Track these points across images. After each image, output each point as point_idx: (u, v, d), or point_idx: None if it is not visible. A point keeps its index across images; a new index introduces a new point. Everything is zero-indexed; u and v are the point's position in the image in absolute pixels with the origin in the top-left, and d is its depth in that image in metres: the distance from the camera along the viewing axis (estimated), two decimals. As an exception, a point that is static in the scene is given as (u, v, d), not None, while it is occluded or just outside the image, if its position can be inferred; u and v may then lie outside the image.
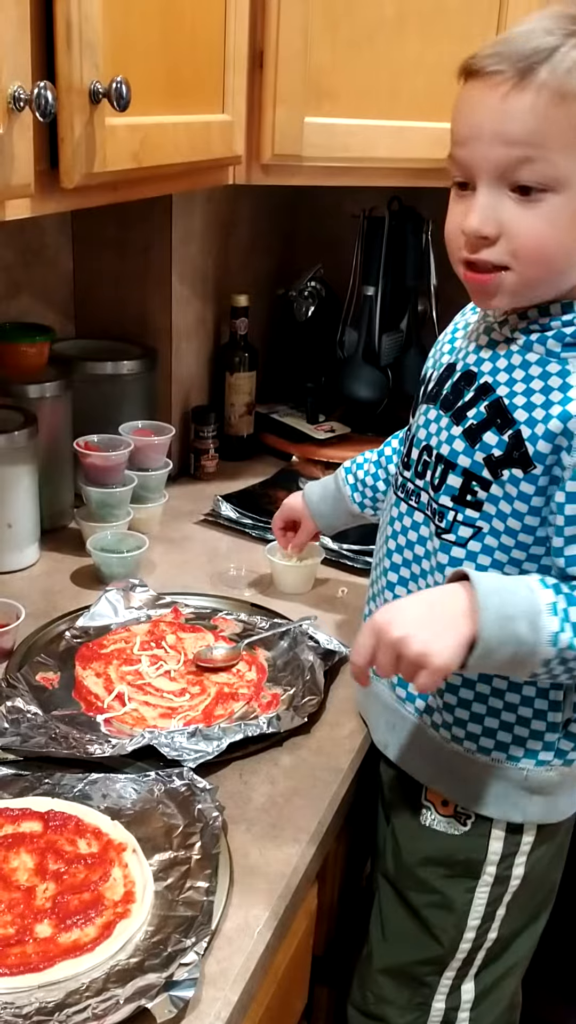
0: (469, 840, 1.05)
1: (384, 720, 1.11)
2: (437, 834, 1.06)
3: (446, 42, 1.49)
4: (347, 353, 1.99)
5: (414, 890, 1.09)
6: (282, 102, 1.41)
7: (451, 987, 1.10)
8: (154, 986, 0.79)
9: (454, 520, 0.97)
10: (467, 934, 1.07)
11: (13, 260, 1.64)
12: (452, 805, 1.05)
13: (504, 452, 0.92)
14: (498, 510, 0.94)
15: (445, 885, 1.07)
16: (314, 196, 2.13)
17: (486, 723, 0.99)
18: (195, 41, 1.24)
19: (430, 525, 1.00)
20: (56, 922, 0.86)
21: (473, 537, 0.96)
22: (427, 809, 1.07)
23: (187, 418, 1.88)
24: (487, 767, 1.01)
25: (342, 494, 1.32)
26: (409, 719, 1.06)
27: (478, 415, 0.95)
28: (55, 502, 1.60)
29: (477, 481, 0.95)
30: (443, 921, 1.08)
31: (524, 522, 0.93)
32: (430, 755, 1.05)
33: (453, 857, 1.06)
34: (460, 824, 1.05)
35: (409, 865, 1.09)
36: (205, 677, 1.24)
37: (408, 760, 1.08)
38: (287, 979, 1.02)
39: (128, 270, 1.78)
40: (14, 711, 1.13)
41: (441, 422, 0.99)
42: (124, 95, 0.99)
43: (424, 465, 1.01)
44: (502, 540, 0.95)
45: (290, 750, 1.13)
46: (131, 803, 1.01)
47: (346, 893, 1.26)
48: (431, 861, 1.07)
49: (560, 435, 0.89)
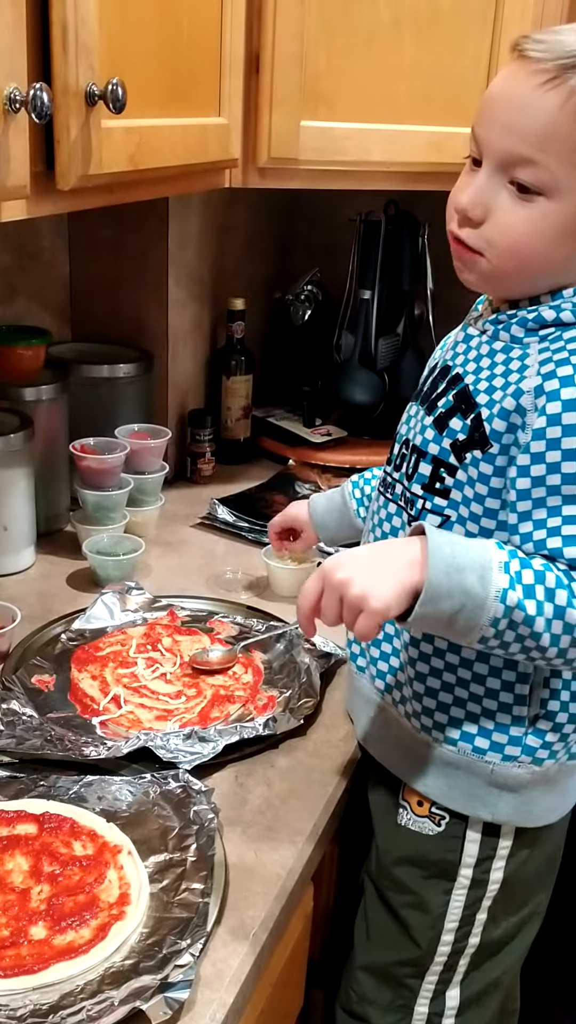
0: (443, 841, 1.04)
1: (365, 715, 1.11)
2: (412, 834, 1.06)
3: (442, 47, 1.49)
4: (343, 357, 2.00)
5: (392, 890, 1.10)
6: (278, 106, 1.41)
7: (434, 992, 1.10)
8: (149, 988, 0.79)
9: (422, 508, 0.98)
10: (445, 936, 1.06)
11: (9, 263, 1.64)
12: (427, 805, 1.05)
13: (467, 436, 0.94)
14: (463, 496, 0.95)
15: (421, 886, 1.06)
16: (310, 200, 2.14)
17: (452, 712, 0.99)
18: (191, 44, 1.24)
19: (403, 515, 1.01)
20: (51, 924, 0.86)
21: (440, 526, 0.96)
22: (403, 809, 1.07)
23: (183, 421, 1.88)
24: (454, 759, 1.00)
25: (348, 508, 1.33)
26: (385, 710, 1.07)
27: (447, 404, 0.97)
28: (51, 505, 1.60)
29: (444, 467, 0.96)
30: (419, 922, 1.07)
31: (485, 505, 0.93)
32: (403, 746, 1.05)
33: (427, 858, 1.05)
34: (434, 824, 1.05)
35: (387, 864, 1.10)
36: (201, 679, 1.24)
37: (384, 752, 1.09)
38: (282, 981, 1.02)
39: (124, 273, 1.78)
40: (9, 713, 1.12)
41: (419, 415, 1.01)
42: (120, 97, 0.99)
43: (402, 458, 1.03)
44: (467, 528, 0.95)
45: (286, 752, 1.13)
46: (126, 805, 1.01)
47: (342, 896, 1.25)
48: (406, 861, 1.07)
49: (514, 412, 0.90)
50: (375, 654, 1.07)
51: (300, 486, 1.82)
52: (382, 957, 1.12)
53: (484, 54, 1.52)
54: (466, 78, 1.52)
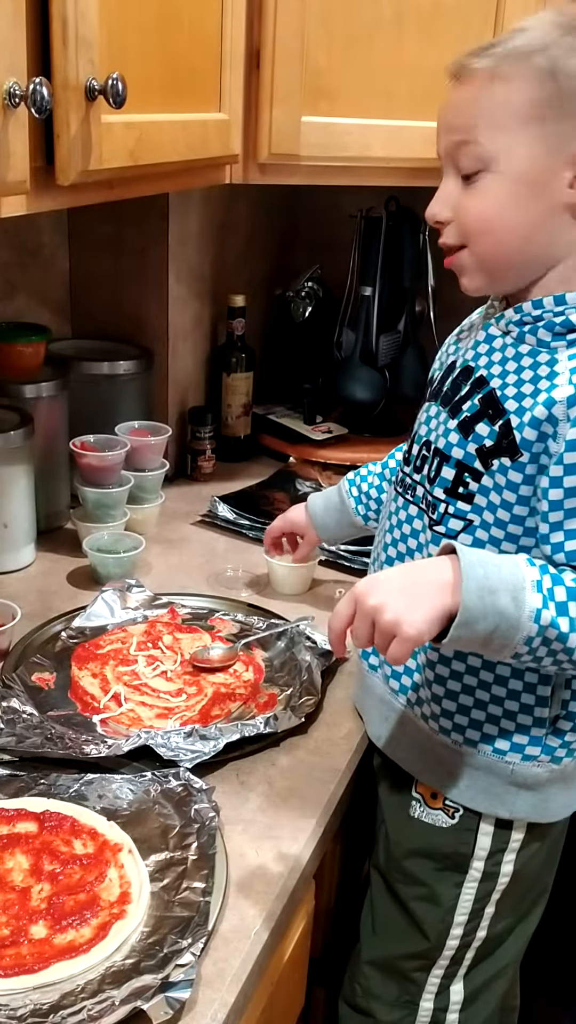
0: (456, 834, 1.04)
1: (378, 713, 1.11)
2: (425, 826, 1.06)
3: (444, 42, 1.48)
4: (344, 354, 1.99)
5: (402, 882, 1.10)
6: (279, 101, 1.40)
7: (439, 987, 1.10)
8: (150, 987, 0.79)
9: (445, 512, 0.97)
10: (454, 930, 1.07)
11: (9, 260, 1.64)
12: (441, 798, 1.05)
13: (495, 442, 0.93)
14: (488, 502, 0.94)
15: (433, 878, 1.07)
16: (311, 196, 2.13)
17: (472, 715, 0.99)
18: (192, 39, 1.24)
19: (424, 518, 1.01)
20: (51, 923, 0.85)
21: (464, 530, 0.96)
22: (416, 801, 1.07)
23: (184, 419, 1.88)
24: (473, 760, 1.00)
25: (346, 506, 1.32)
26: (401, 711, 1.06)
27: (472, 407, 0.96)
28: (51, 502, 1.60)
29: (469, 472, 0.95)
30: (430, 915, 1.08)
31: (513, 512, 0.93)
32: (419, 747, 1.05)
33: (440, 850, 1.06)
34: (448, 817, 1.05)
35: (398, 857, 1.10)
36: (202, 677, 1.24)
37: (399, 752, 1.08)
38: (284, 980, 1.01)
39: (124, 270, 1.77)
40: (10, 711, 1.12)
41: (440, 417, 1.00)
42: (120, 92, 0.99)
43: (422, 459, 1.02)
44: (492, 533, 0.95)
45: (287, 750, 1.13)
46: (127, 803, 1.00)
47: (343, 894, 1.25)
48: (419, 853, 1.07)
49: (545, 421, 0.89)
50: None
51: (301, 483, 1.82)
52: (389, 950, 1.12)
53: (486, 49, 1.52)
54: (467, 74, 1.51)
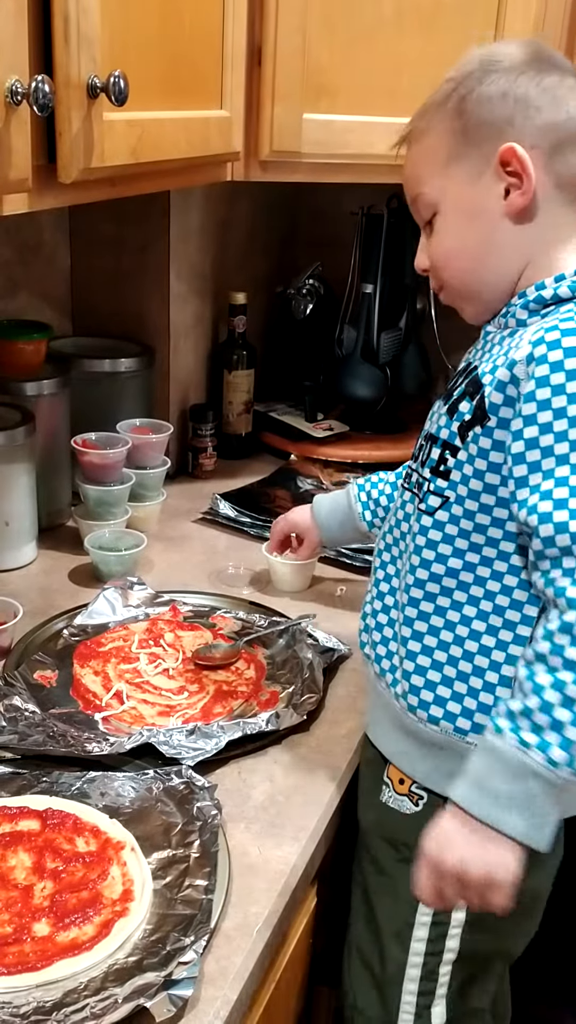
0: (418, 821, 0.98)
1: (370, 699, 1.12)
2: (389, 811, 1.05)
3: (445, 39, 1.48)
4: (346, 351, 1.99)
5: (370, 873, 1.09)
6: (280, 98, 1.40)
7: (417, 1007, 1.06)
8: (153, 985, 0.79)
9: (427, 490, 0.98)
10: (417, 931, 1.03)
11: (10, 257, 1.64)
12: (408, 784, 1.04)
13: (472, 415, 0.94)
14: (462, 475, 0.95)
15: (394, 869, 1.05)
16: (312, 194, 2.13)
17: (438, 691, 0.99)
18: (193, 36, 1.24)
19: (414, 500, 1.01)
20: (54, 921, 0.85)
21: (441, 507, 0.97)
22: (385, 786, 1.07)
23: (185, 416, 1.88)
24: (437, 739, 0.99)
25: (353, 511, 1.32)
26: (382, 694, 1.06)
27: (460, 391, 0.97)
28: (53, 500, 1.60)
29: (449, 449, 0.96)
30: (390, 908, 1.06)
31: (485, 480, 0.93)
32: (394, 730, 1.05)
33: (400, 838, 1.04)
34: (412, 804, 1.04)
35: (368, 845, 1.09)
36: (204, 675, 1.24)
37: (379, 735, 1.08)
38: (286, 978, 1.01)
39: (126, 268, 1.77)
40: (12, 709, 1.12)
41: (440, 409, 1.01)
42: (122, 90, 0.99)
43: (419, 448, 1.03)
44: (466, 506, 0.95)
45: (289, 748, 1.13)
46: (129, 801, 1.01)
47: (346, 892, 1.25)
48: (384, 840, 1.06)
49: (509, 384, 0.89)
50: (376, 638, 1.07)
51: (302, 481, 1.82)
52: (360, 945, 1.10)
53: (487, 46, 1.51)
54: (469, 71, 1.51)
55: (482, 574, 0.95)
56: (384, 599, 1.06)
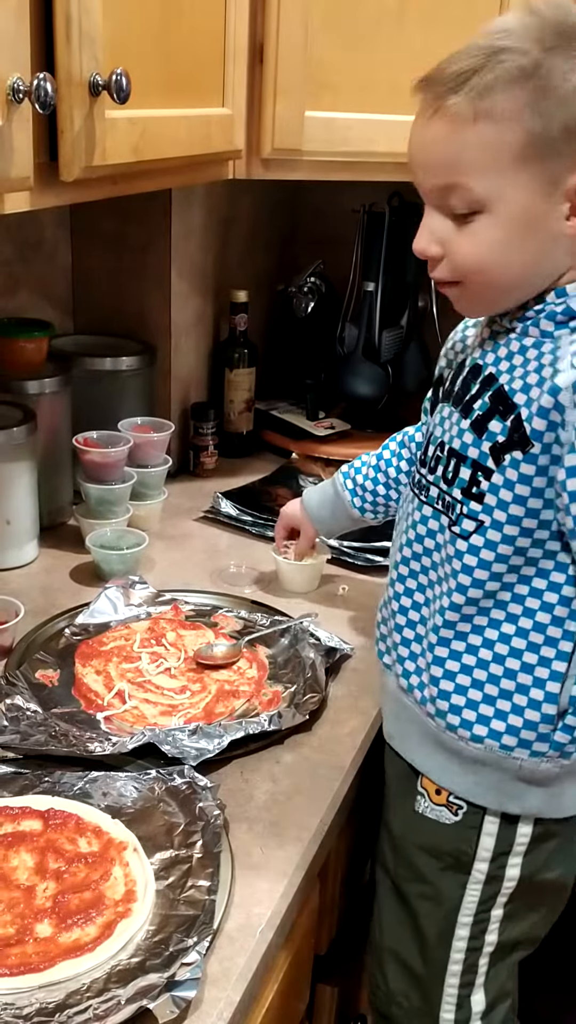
0: (459, 831, 1.04)
1: (390, 710, 1.11)
2: (428, 822, 1.06)
3: (448, 35, 1.46)
4: (347, 349, 1.99)
5: (407, 880, 1.09)
6: (282, 96, 1.40)
7: (458, 998, 1.08)
8: (156, 986, 0.78)
9: (459, 513, 0.97)
10: (459, 931, 1.06)
11: (12, 255, 1.63)
12: (445, 794, 1.04)
13: (507, 437, 0.92)
14: (499, 500, 0.93)
15: (436, 877, 1.06)
16: (314, 191, 2.12)
17: (480, 710, 0.99)
18: (195, 34, 1.23)
19: (440, 518, 1.00)
20: (56, 922, 0.85)
21: (476, 531, 0.96)
22: (421, 796, 1.06)
23: (186, 415, 1.87)
24: (481, 756, 1.00)
25: (341, 499, 1.33)
26: (410, 708, 1.06)
27: (483, 406, 0.95)
28: (54, 499, 1.60)
29: (482, 471, 0.94)
30: (432, 913, 1.07)
31: (527, 506, 0.92)
32: (429, 745, 1.04)
33: (441, 848, 1.05)
34: (451, 814, 1.04)
35: (403, 854, 1.09)
36: (206, 674, 1.24)
37: (409, 750, 1.08)
38: (289, 978, 1.01)
39: (127, 266, 1.77)
40: (13, 709, 1.12)
41: (452, 418, 0.99)
42: (124, 87, 0.99)
43: (436, 460, 1.01)
44: (505, 531, 0.94)
45: (291, 748, 1.12)
46: (132, 801, 1.00)
47: (348, 891, 1.25)
48: (423, 850, 1.07)
49: (553, 410, 0.88)
50: (403, 653, 1.06)
51: (303, 479, 1.82)
52: (398, 950, 1.11)
53: (489, 44, 1.51)
54: (471, 68, 1.51)
55: (520, 592, 0.96)
56: (408, 614, 1.05)
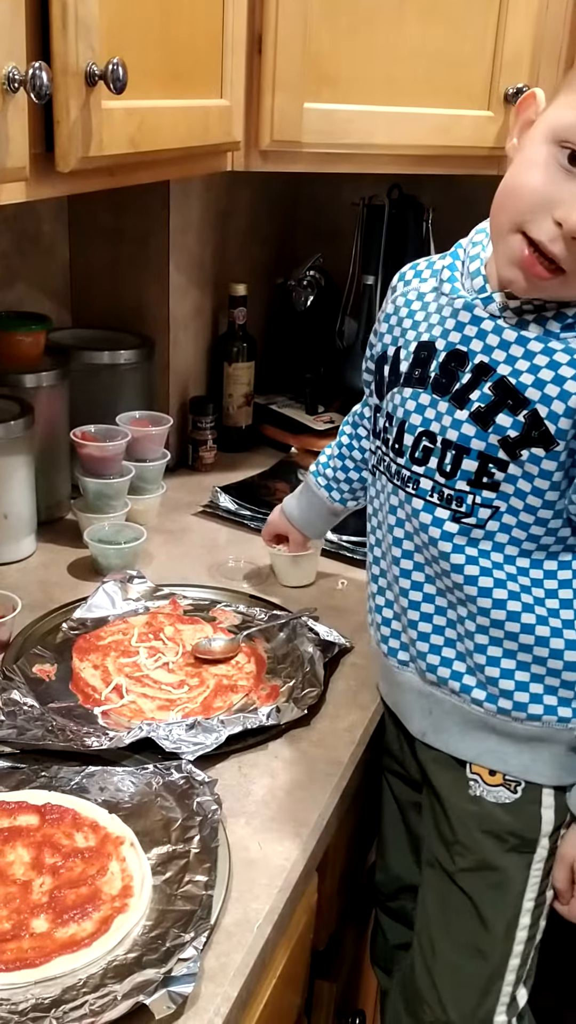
0: (520, 807, 1.03)
1: (419, 707, 1.08)
2: (487, 804, 1.04)
3: (446, 28, 1.47)
4: (346, 343, 1.98)
5: (470, 870, 1.06)
6: (281, 87, 1.39)
7: (510, 997, 1.07)
8: (152, 982, 0.78)
9: (474, 503, 0.97)
10: (523, 919, 1.05)
11: (9, 248, 1.63)
12: (500, 774, 1.04)
13: (521, 432, 0.92)
14: (516, 488, 0.94)
15: (503, 860, 1.05)
16: (313, 184, 2.12)
17: (532, 689, 0.99)
18: (193, 24, 1.22)
19: (436, 511, 0.99)
20: (53, 917, 0.85)
21: (491, 517, 0.96)
22: (474, 782, 1.05)
23: (185, 409, 1.87)
24: (537, 733, 1.00)
25: (319, 498, 1.33)
26: (446, 701, 1.05)
27: (484, 397, 0.94)
28: (52, 493, 1.59)
29: (494, 463, 0.94)
30: (499, 902, 1.05)
31: (545, 498, 0.93)
32: (474, 732, 1.04)
33: (506, 828, 1.04)
34: (510, 792, 1.04)
35: (461, 842, 1.06)
36: (204, 669, 1.23)
37: (450, 742, 1.06)
38: (287, 974, 1.01)
39: (125, 259, 1.76)
40: (10, 703, 1.11)
41: (439, 407, 0.98)
42: (121, 78, 0.98)
43: (426, 451, 0.99)
44: (521, 518, 0.95)
45: (290, 742, 1.12)
46: (129, 796, 1.00)
47: (347, 887, 1.25)
48: (484, 833, 1.05)
49: None
50: (423, 648, 1.04)
51: (302, 474, 1.81)
52: (456, 956, 1.08)
53: (490, 35, 1.50)
54: (471, 60, 1.50)
55: (536, 576, 0.97)
56: (421, 607, 1.04)
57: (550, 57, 1.54)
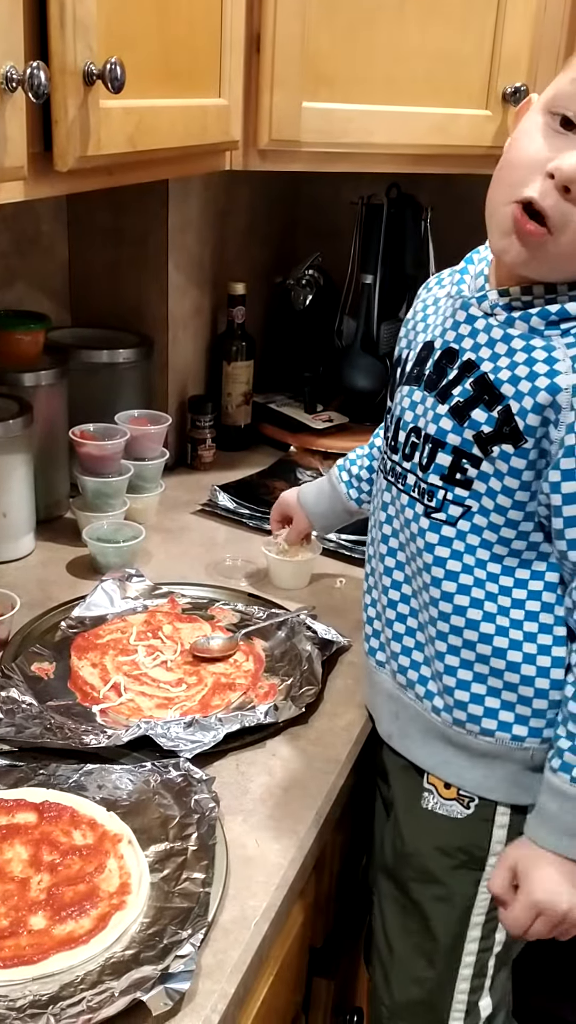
0: (472, 824, 1.03)
1: (388, 710, 1.09)
2: (439, 818, 1.04)
3: (445, 27, 1.47)
4: (345, 342, 1.98)
5: (416, 881, 1.07)
6: (279, 86, 1.39)
7: (468, 1004, 1.07)
8: (150, 978, 0.78)
9: (444, 499, 0.96)
10: (471, 932, 1.04)
11: (8, 247, 1.63)
12: (455, 788, 1.03)
13: (494, 428, 0.92)
14: (488, 488, 0.94)
15: (448, 876, 1.04)
16: (312, 183, 2.12)
17: (487, 703, 0.98)
18: (191, 23, 1.22)
19: (416, 506, 0.99)
20: (51, 914, 0.85)
21: (462, 516, 0.96)
22: (429, 793, 1.05)
23: (184, 407, 1.87)
24: (491, 750, 0.99)
25: (338, 493, 1.32)
26: (411, 706, 1.05)
27: (464, 392, 0.94)
28: (51, 491, 1.59)
29: (467, 459, 0.94)
30: (445, 916, 1.05)
31: (514, 498, 0.92)
32: (433, 741, 1.04)
33: (455, 843, 1.04)
34: (463, 807, 1.03)
35: (412, 856, 1.07)
36: (202, 667, 1.24)
37: (412, 748, 1.07)
38: (284, 971, 1.01)
39: (124, 258, 1.76)
40: (9, 701, 1.12)
41: (427, 402, 0.98)
42: (119, 77, 0.98)
43: (412, 447, 1.00)
44: (491, 519, 0.94)
45: (288, 740, 1.12)
46: (127, 794, 1.00)
47: (344, 884, 1.25)
48: (434, 849, 1.05)
49: (548, 407, 0.88)
50: (396, 648, 1.05)
51: (301, 473, 1.81)
52: (406, 961, 1.09)
53: (488, 35, 1.50)
54: (470, 59, 1.50)
55: (505, 584, 0.96)
56: (397, 607, 1.04)
57: (548, 57, 1.55)
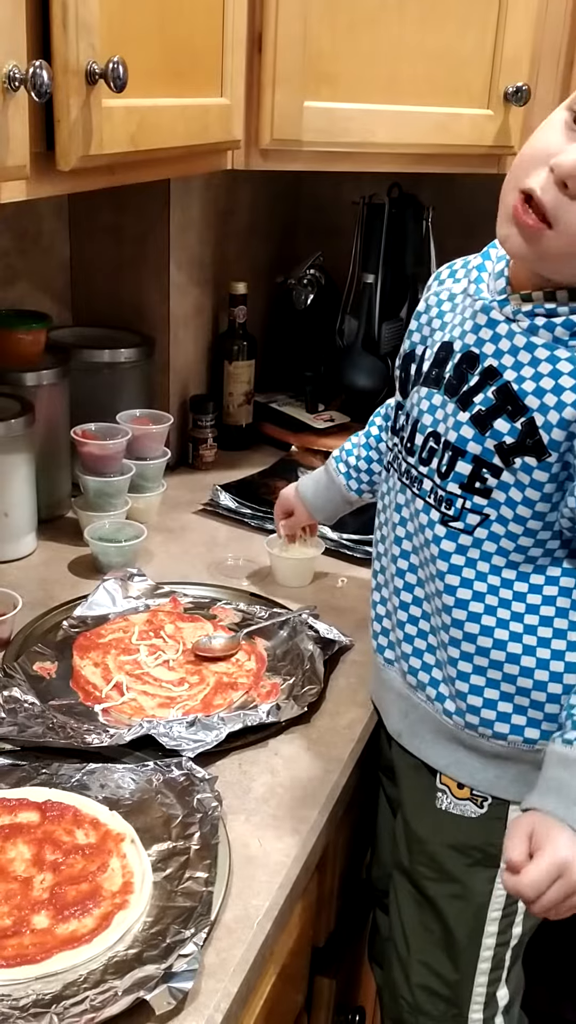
0: (486, 823, 1.03)
1: (397, 708, 1.09)
2: (453, 818, 1.04)
3: (447, 27, 1.47)
4: (346, 342, 1.98)
5: (432, 880, 1.07)
6: (281, 86, 1.39)
7: (487, 995, 1.07)
8: (153, 977, 0.78)
9: (462, 508, 0.96)
10: (488, 927, 1.04)
11: (9, 246, 1.63)
12: (468, 788, 1.03)
13: (517, 440, 0.91)
14: (508, 497, 0.93)
15: (464, 874, 1.04)
16: (313, 182, 2.12)
17: (499, 707, 0.98)
18: (193, 23, 1.22)
19: (432, 512, 0.99)
20: (54, 913, 0.85)
21: (480, 524, 0.95)
22: (442, 793, 1.05)
23: (185, 407, 1.87)
24: (503, 752, 1.00)
25: (336, 484, 1.32)
26: (422, 707, 1.05)
27: (486, 401, 0.93)
28: (52, 491, 1.59)
29: (488, 468, 0.93)
30: (462, 913, 1.05)
31: (535, 509, 0.92)
32: (445, 742, 1.04)
33: (470, 842, 1.04)
34: (476, 807, 1.03)
35: (427, 854, 1.07)
36: (204, 667, 1.24)
37: (422, 747, 1.07)
38: (287, 970, 1.01)
39: (125, 257, 1.76)
40: (11, 701, 1.12)
41: (447, 408, 0.97)
42: (121, 76, 0.98)
43: (431, 452, 0.99)
44: (510, 528, 0.94)
45: (290, 740, 1.12)
46: (129, 793, 1.00)
47: (346, 884, 1.25)
48: (449, 847, 1.05)
49: (574, 423, 0.88)
50: (407, 649, 1.05)
51: (303, 472, 1.81)
52: (425, 957, 1.09)
53: (489, 35, 1.50)
54: (471, 59, 1.50)
55: (520, 590, 0.96)
56: (410, 609, 1.04)
57: (550, 56, 1.55)
